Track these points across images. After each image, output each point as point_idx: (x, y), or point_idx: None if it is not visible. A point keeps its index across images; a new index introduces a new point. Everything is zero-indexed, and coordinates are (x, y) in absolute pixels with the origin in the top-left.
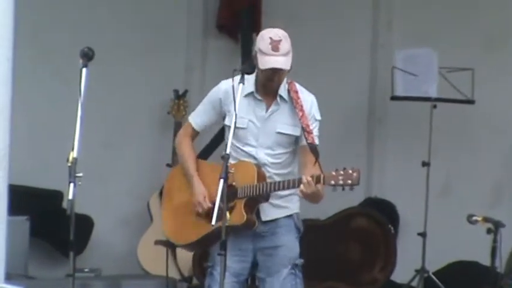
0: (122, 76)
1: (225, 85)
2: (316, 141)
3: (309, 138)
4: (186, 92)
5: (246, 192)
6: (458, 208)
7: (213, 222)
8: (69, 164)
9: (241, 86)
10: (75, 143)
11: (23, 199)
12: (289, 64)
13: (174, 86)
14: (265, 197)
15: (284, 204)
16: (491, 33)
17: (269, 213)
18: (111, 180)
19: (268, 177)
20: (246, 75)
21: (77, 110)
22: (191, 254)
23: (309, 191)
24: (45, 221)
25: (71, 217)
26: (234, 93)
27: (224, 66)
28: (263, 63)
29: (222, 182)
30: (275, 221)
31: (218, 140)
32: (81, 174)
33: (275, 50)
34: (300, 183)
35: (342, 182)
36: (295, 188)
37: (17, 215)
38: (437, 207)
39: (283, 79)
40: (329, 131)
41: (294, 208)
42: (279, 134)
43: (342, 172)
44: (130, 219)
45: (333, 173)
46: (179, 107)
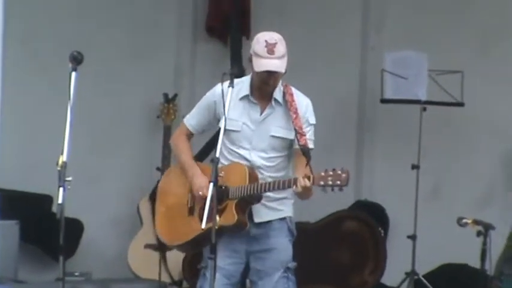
0: (112, 79)
1: (219, 88)
2: (310, 145)
3: (301, 140)
4: (176, 96)
5: (237, 193)
6: (448, 211)
7: (203, 226)
8: (59, 168)
9: (230, 89)
10: (65, 146)
11: (13, 203)
12: (284, 67)
13: (164, 90)
14: (257, 198)
15: (278, 207)
16: (481, 36)
17: (262, 215)
18: (101, 183)
19: (261, 180)
20: (242, 79)
21: (66, 114)
22: (181, 258)
23: (301, 189)
24: (35, 225)
25: (61, 221)
26: (224, 97)
27: (214, 69)
28: (258, 66)
29: (211, 185)
30: (268, 223)
31: (213, 143)
32: (70, 178)
33: (270, 53)
34: (291, 184)
35: (331, 182)
36: (286, 189)
37: (6, 219)
38: (427, 210)
39: (278, 82)
40: (318, 133)
41: (288, 211)
42: (272, 137)
43: (331, 173)
44: (120, 223)
45: (322, 173)
46: (169, 111)
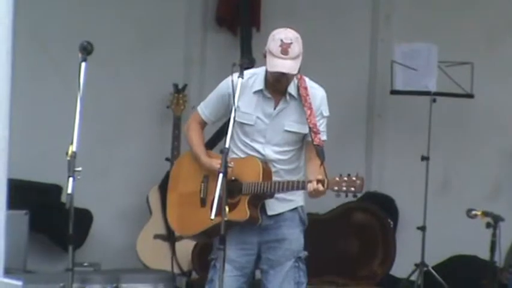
0: (121, 70)
1: (234, 79)
2: (323, 138)
3: (315, 139)
4: (186, 86)
5: (250, 189)
6: (458, 202)
7: (212, 217)
8: (68, 158)
9: (240, 80)
10: (74, 137)
11: (22, 193)
12: (297, 68)
13: (174, 80)
14: (270, 194)
15: (289, 197)
16: (490, 28)
17: (274, 207)
18: (111, 174)
19: (275, 172)
20: (256, 71)
21: (76, 104)
22: (190, 249)
23: (314, 192)
24: (44, 215)
25: (70, 211)
26: (233, 88)
27: (223, 60)
28: (271, 66)
29: (221, 176)
30: (280, 214)
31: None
32: (80, 169)
33: (284, 53)
34: (304, 185)
35: (345, 188)
36: (299, 190)
37: (16, 209)
38: (437, 202)
39: (291, 80)
40: (329, 125)
41: (299, 201)
42: (286, 132)
43: (345, 178)
44: (130, 213)
45: (336, 178)
46: (178, 101)
